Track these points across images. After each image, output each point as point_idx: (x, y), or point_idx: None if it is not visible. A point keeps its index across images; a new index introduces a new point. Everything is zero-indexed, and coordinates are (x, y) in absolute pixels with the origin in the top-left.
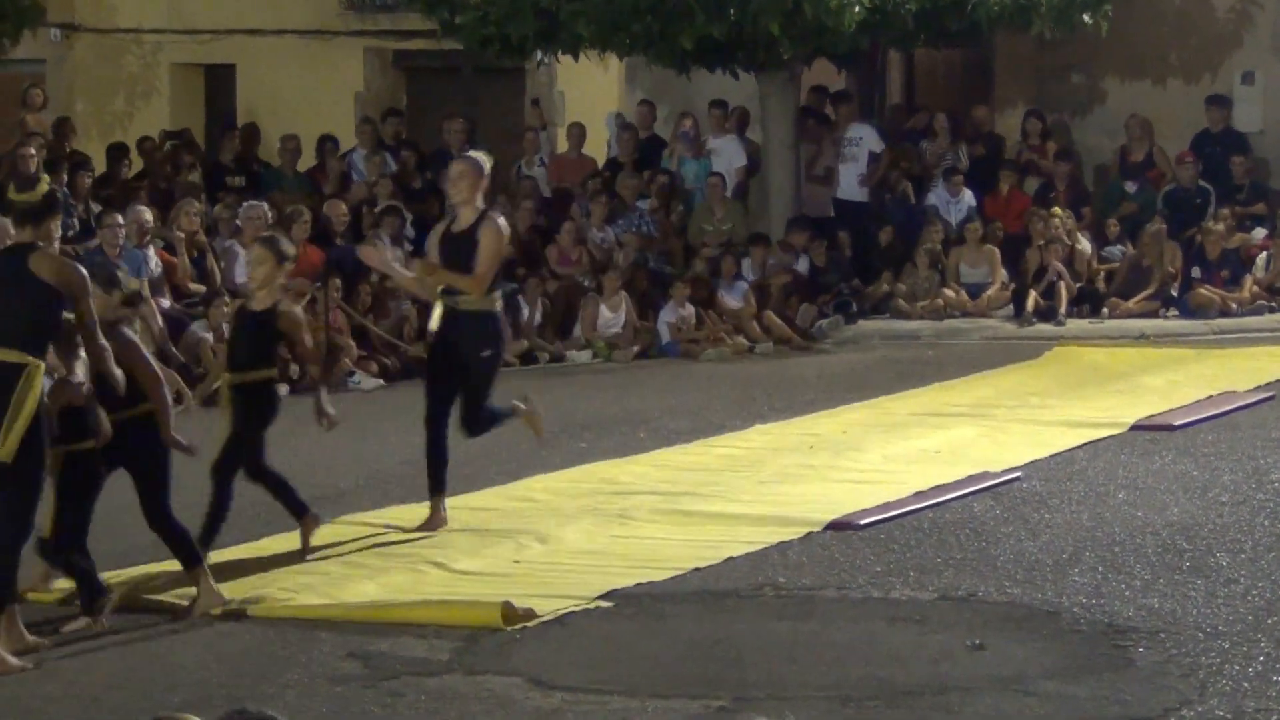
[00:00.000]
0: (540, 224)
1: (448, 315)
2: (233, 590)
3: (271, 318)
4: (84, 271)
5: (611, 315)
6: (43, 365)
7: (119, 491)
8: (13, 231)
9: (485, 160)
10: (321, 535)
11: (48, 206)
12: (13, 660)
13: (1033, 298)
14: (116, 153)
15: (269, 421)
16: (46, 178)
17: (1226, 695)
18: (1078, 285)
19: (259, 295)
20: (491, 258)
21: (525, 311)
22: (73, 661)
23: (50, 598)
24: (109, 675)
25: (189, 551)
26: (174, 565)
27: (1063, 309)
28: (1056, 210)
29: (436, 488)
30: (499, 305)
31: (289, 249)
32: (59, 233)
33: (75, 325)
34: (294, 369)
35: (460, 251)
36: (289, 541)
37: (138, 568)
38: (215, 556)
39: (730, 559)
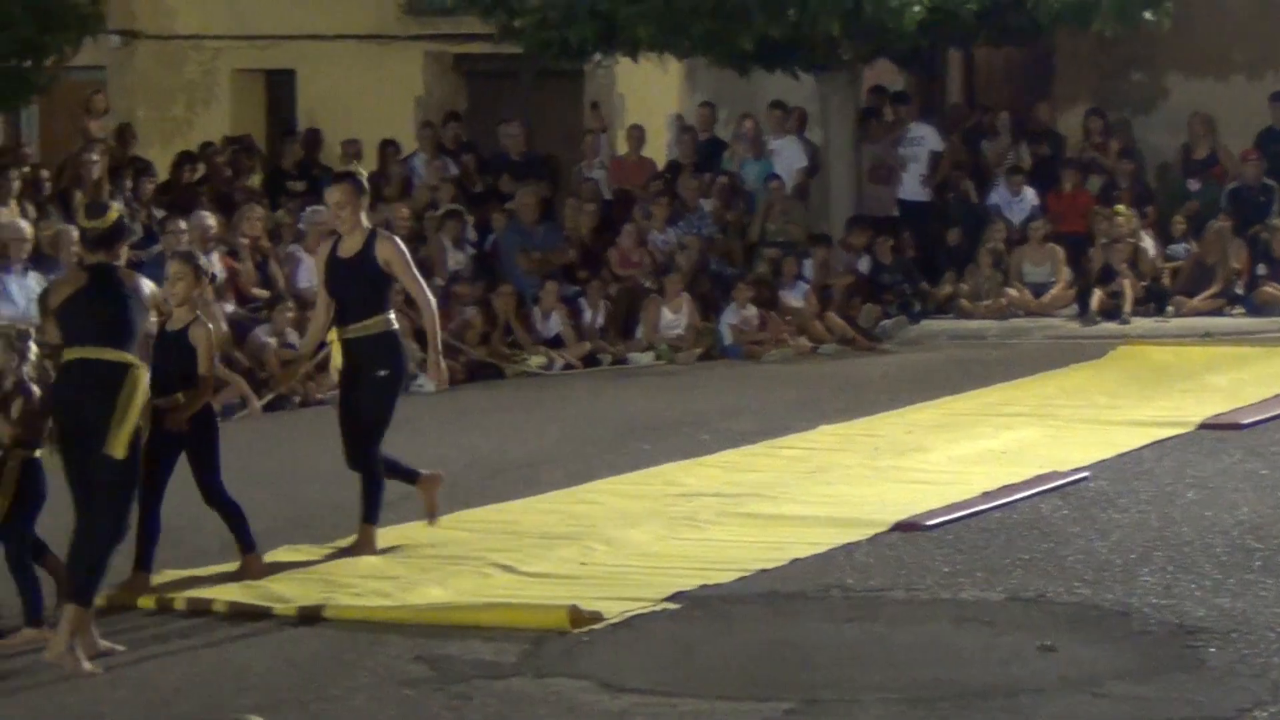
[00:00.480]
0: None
1: (348, 348)
2: (303, 593)
3: (185, 336)
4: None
5: (673, 317)
6: (146, 367)
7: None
8: (75, 248)
9: (362, 176)
10: (387, 538)
11: (118, 233)
12: (85, 664)
13: (1098, 297)
14: (180, 159)
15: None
16: (116, 205)
17: None
18: (1142, 284)
19: (177, 313)
20: (414, 275)
21: (587, 314)
22: (143, 665)
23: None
24: (179, 679)
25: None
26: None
27: (1128, 308)
28: (1120, 209)
29: (369, 516)
30: (395, 324)
31: (208, 265)
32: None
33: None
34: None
35: (355, 277)
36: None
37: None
38: (282, 556)
39: (796, 560)
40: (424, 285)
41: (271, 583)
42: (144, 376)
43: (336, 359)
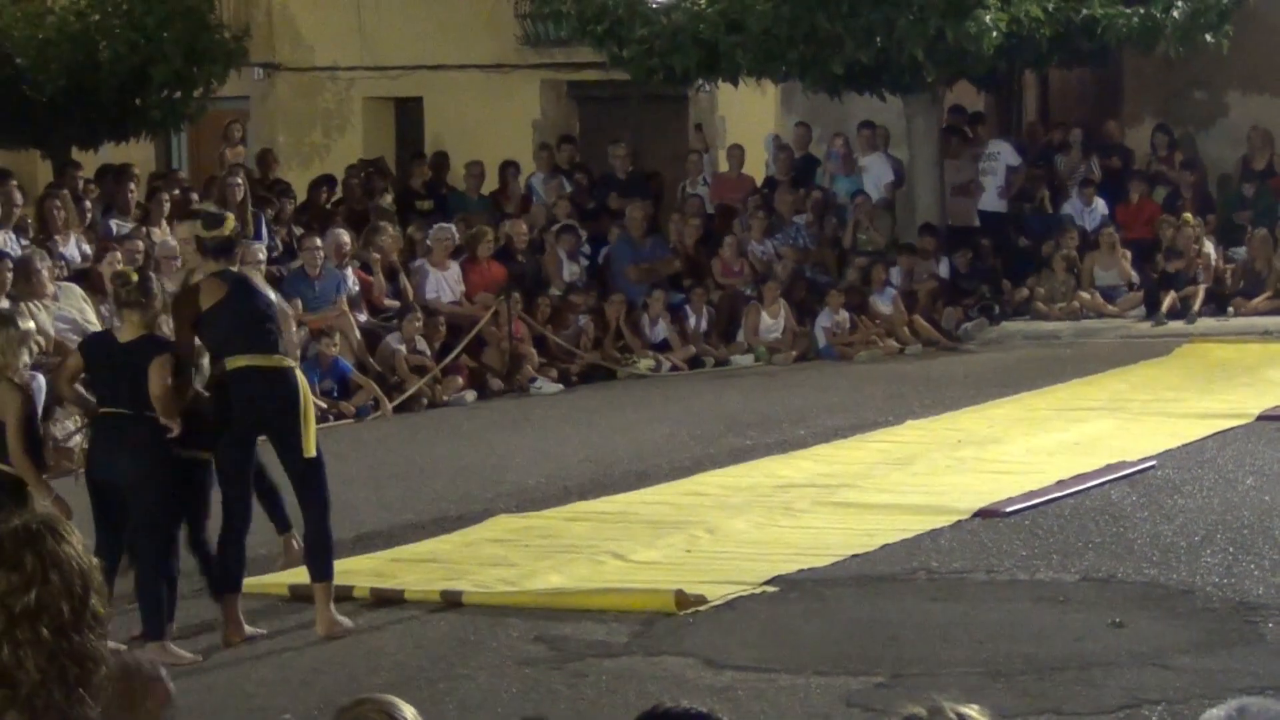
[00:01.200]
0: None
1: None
2: (430, 581)
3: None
4: None
5: (772, 321)
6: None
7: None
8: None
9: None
10: (502, 528)
11: (236, 241)
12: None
13: (1170, 298)
14: (317, 182)
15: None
16: (230, 215)
17: None
18: (1204, 286)
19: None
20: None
21: (691, 319)
22: (283, 648)
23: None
24: (317, 660)
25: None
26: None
27: (1196, 308)
28: (1188, 217)
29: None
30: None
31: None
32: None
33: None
34: (494, 379)
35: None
36: (472, 535)
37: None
38: (408, 553)
39: (886, 545)
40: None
41: (402, 571)
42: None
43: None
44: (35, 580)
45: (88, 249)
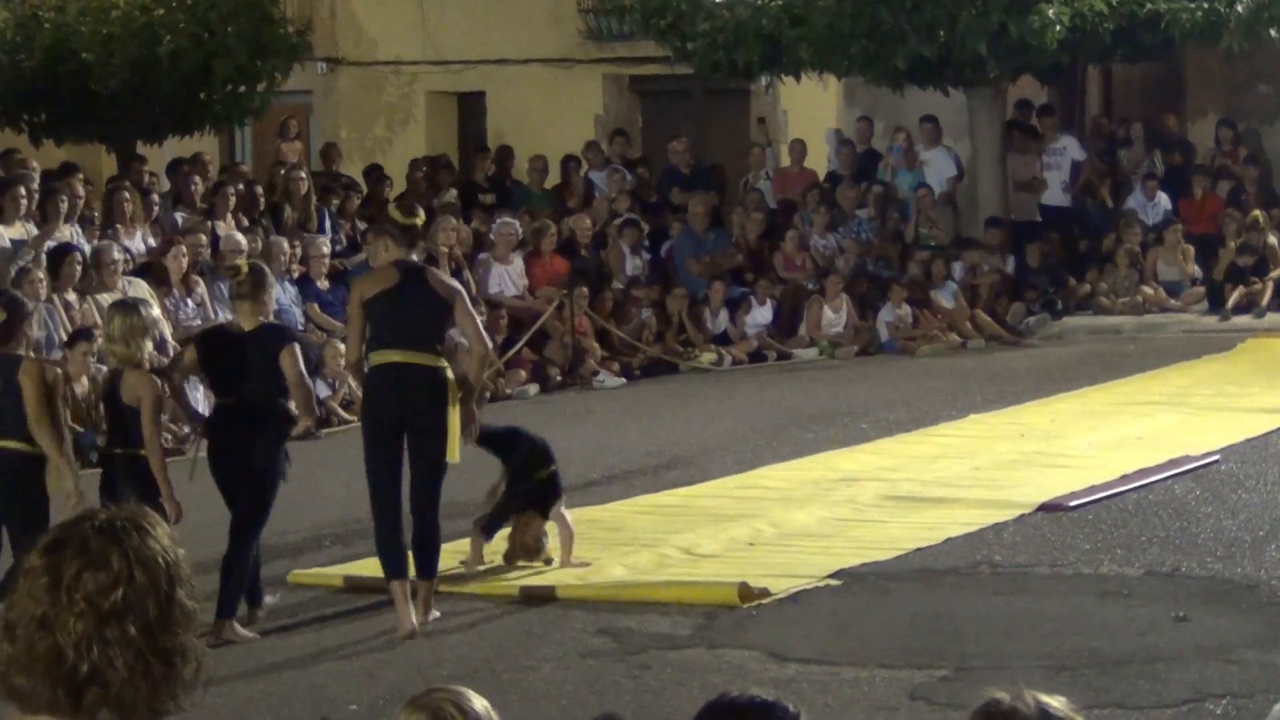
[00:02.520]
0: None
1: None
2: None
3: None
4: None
5: (834, 315)
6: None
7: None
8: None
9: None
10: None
11: (421, 233)
12: (412, 621)
13: (1237, 293)
14: (371, 173)
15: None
16: (404, 212)
17: None
18: (1271, 281)
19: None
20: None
21: (755, 313)
22: (350, 640)
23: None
24: (382, 652)
25: None
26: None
27: (1265, 302)
28: (1257, 213)
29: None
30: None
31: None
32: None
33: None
34: (556, 373)
35: None
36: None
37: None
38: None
39: (949, 539)
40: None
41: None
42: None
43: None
44: (122, 579)
45: (152, 242)
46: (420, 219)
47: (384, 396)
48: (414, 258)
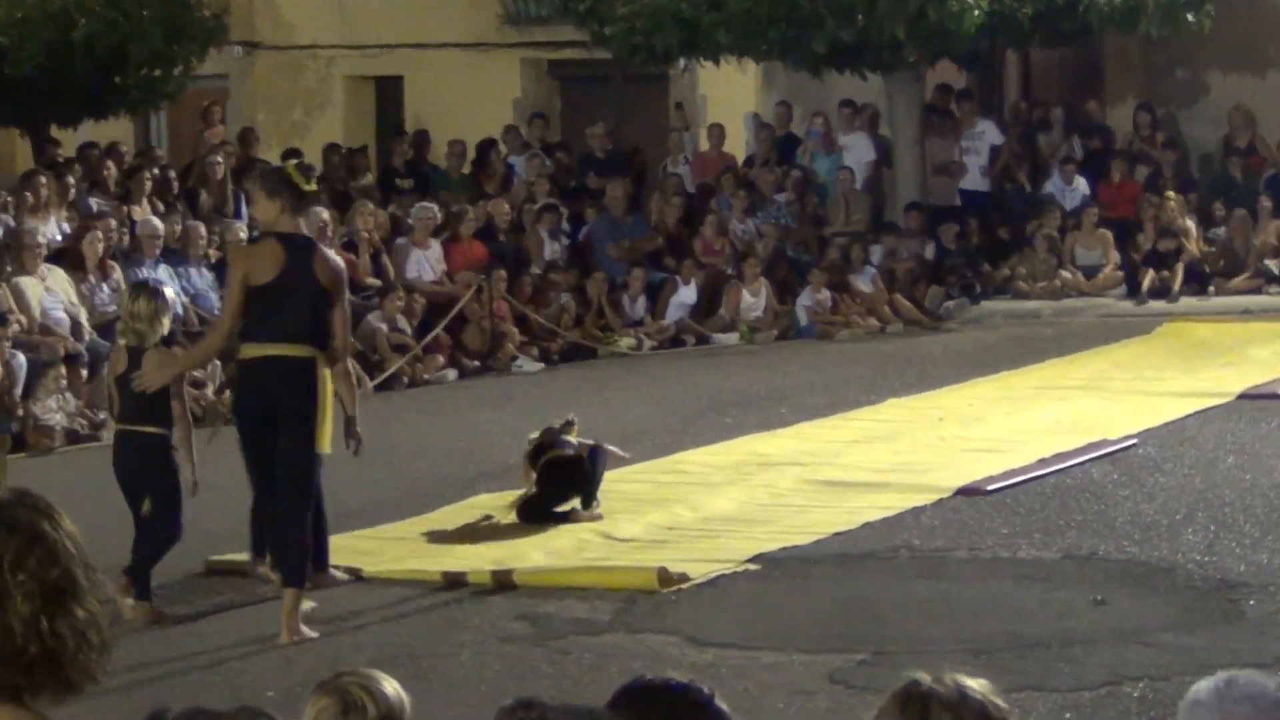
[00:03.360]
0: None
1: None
2: (413, 560)
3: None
4: None
5: (753, 300)
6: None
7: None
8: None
9: None
10: (484, 507)
11: (315, 199)
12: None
13: (1150, 277)
14: (294, 158)
15: None
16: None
17: None
18: (1184, 265)
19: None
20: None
21: (674, 298)
22: (267, 627)
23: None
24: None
25: None
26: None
27: (1177, 288)
28: (1171, 195)
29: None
30: None
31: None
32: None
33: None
34: (474, 359)
35: None
36: (463, 510)
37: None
38: (392, 531)
39: (868, 524)
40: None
41: (385, 550)
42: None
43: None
44: (58, 552)
45: (68, 228)
46: (315, 187)
47: (251, 392)
48: (302, 227)
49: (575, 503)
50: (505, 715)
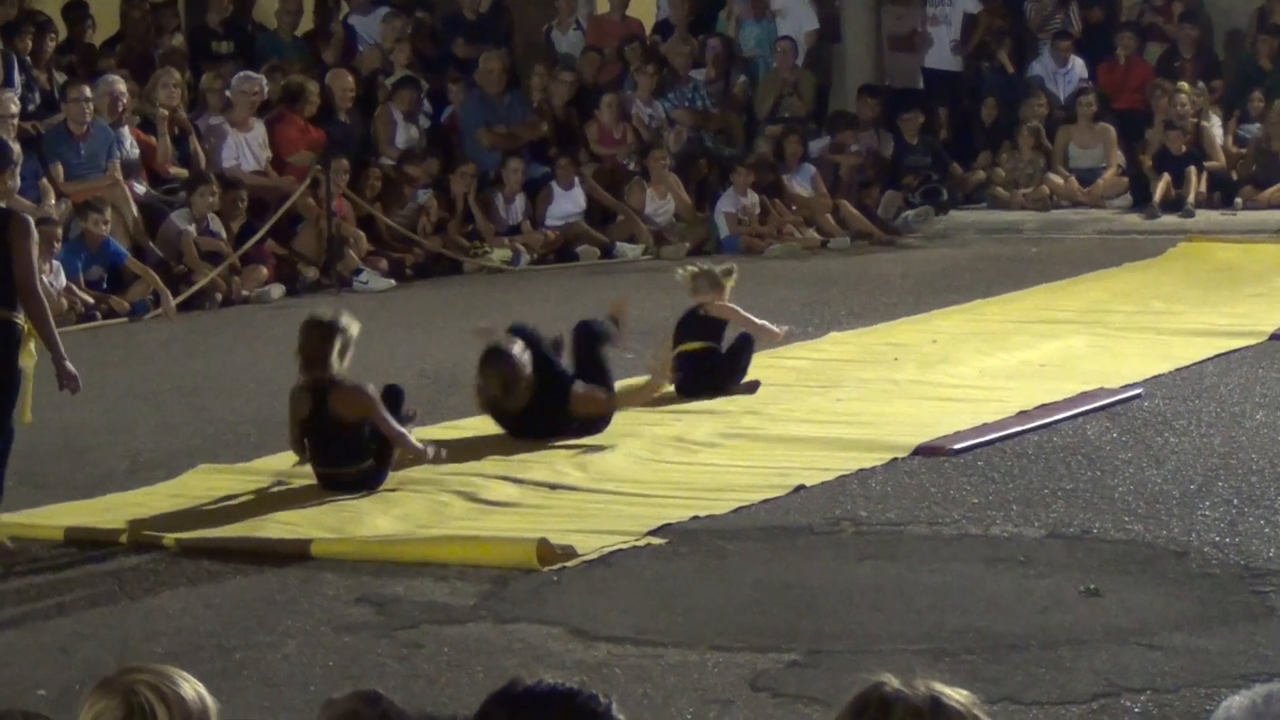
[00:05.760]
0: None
1: None
2: (227, 524)
3: None
4: None
5: (660, 202)
6: None
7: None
8: None
9: None
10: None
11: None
12: None
13: (1163, 184)
14: (77, 12)
15: None
16: None
17: None
18: (1206, 171)
19: None
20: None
21: (559, 199)
22: (37, 607)
23: None
24: (80, 623)
25: None
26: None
27: (1191, 198)
28: (1183, 84)
29: None
30: None
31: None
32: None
33: None
34: (308, 270)
35: None
36: (277, 466)
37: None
38: (194, 487)
39: (802, 489)
40: None
41: (185, 514)
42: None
43: None
44: None
45: None
46: None
47: None
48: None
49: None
50: (336, 707)
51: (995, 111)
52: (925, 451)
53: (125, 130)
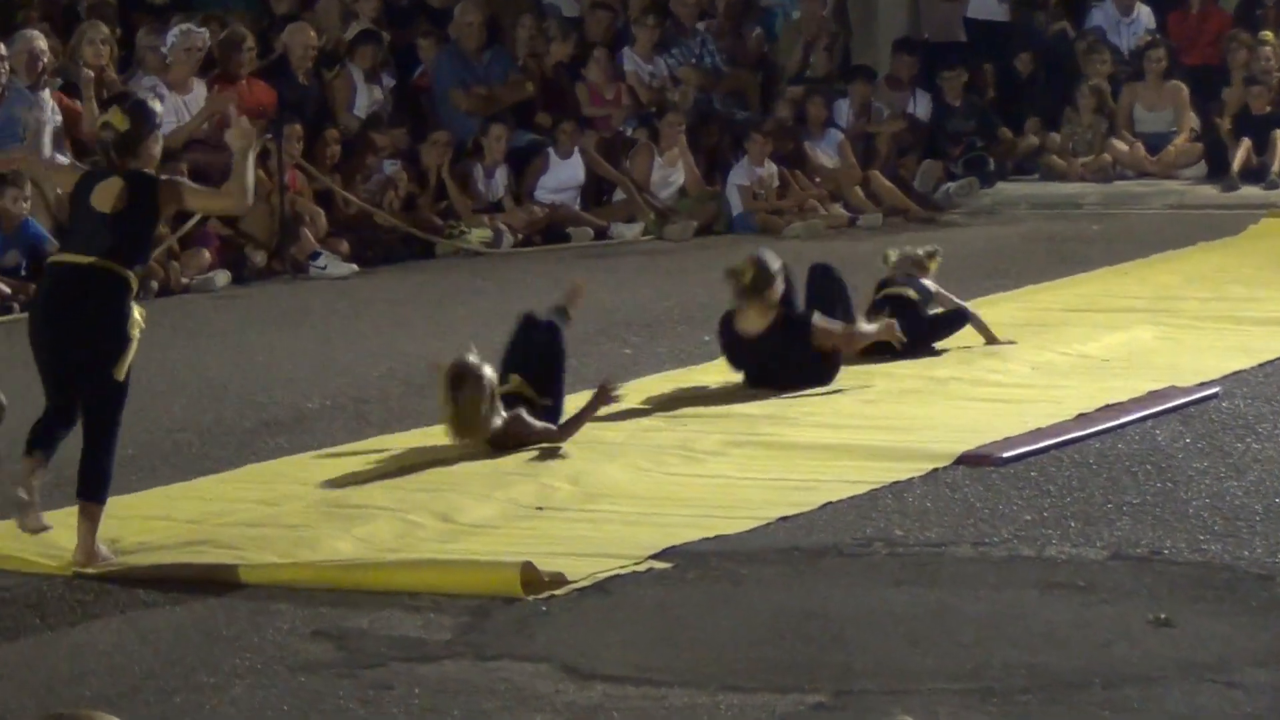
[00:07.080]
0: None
1: None
2: (165, 549)
3: None
4: None
5: (666, 173)
6: None
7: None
8: None
9: None
10: (271, 471)
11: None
12: None
13: (1243, 150)
14: None
15: None
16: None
17: None
18: None
19: None
20: None
21: (549, 170)
22: None
23: None
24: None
25: None
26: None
27: (1276, 167)
28: (1268, 35)
29: None
30: None
31: None
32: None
33: None
34: (256, 254)
35: None
36: (228, 481)
37: None
38: (134, 506)
39: (829, 505)
40: None
41: (126, 533)
42: None
43: None
44: None
45: None
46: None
47: None
48: None
49: None
50: None
51: (1048, 69)
52: (970, 460)
53: (46, 94)
